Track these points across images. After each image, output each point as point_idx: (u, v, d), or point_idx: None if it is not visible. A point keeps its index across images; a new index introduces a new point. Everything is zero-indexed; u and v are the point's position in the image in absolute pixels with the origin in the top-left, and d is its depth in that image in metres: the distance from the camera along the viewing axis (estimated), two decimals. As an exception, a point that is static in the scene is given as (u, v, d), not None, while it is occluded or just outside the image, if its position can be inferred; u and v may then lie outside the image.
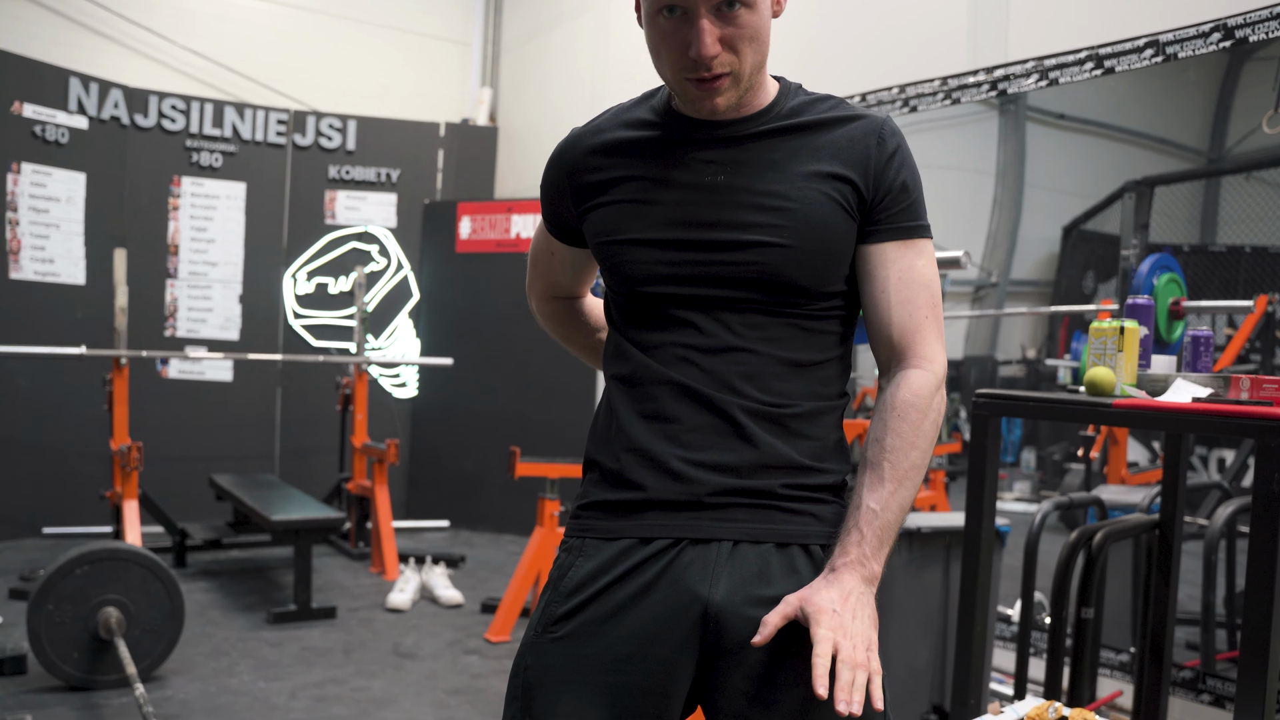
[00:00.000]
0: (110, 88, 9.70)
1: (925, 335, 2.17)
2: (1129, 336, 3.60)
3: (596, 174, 2.30)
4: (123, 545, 5.64)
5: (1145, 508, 5.39)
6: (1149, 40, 5.54)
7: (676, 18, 2.05)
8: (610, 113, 2.38)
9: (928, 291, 2.19)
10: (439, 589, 7.66)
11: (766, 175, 2.16)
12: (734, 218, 2.14)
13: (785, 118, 2.22)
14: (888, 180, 2.17)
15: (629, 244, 2.21)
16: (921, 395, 2.12)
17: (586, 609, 2.21)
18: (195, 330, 10.21)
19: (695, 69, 2.06)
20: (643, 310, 2.24)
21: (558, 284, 2.66)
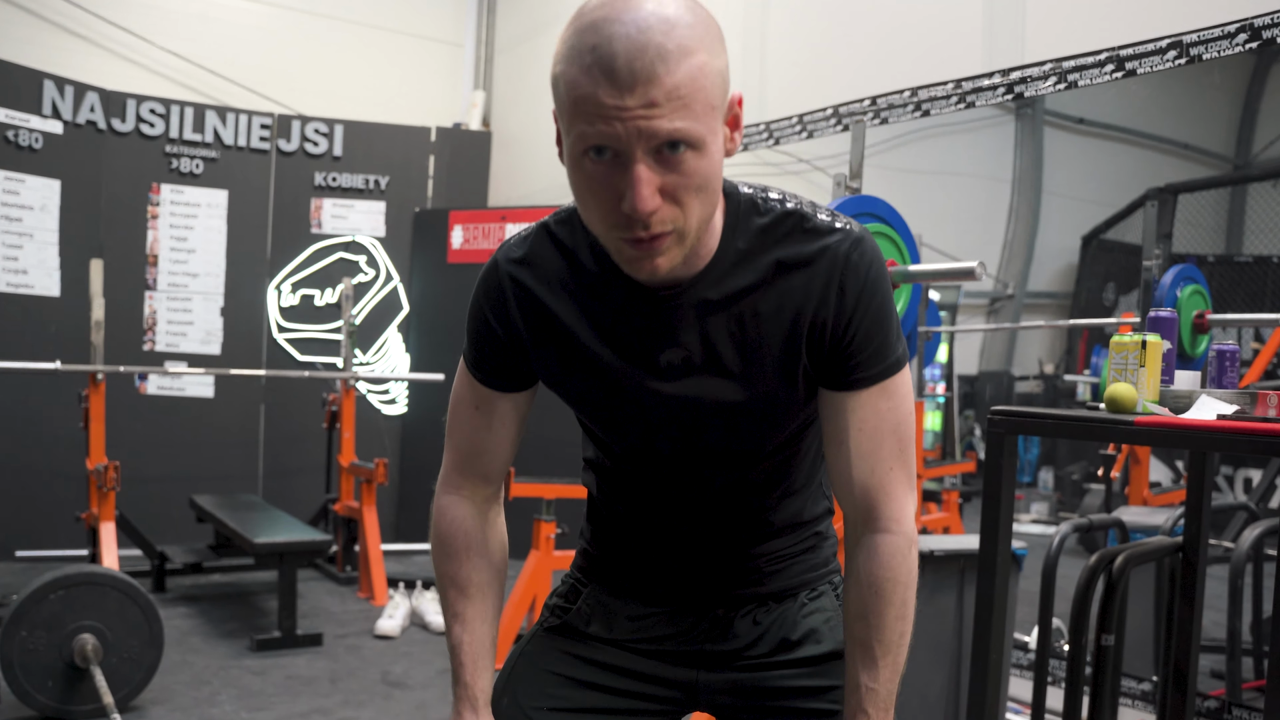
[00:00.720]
0: (86, 91, 9.71)
1: (891, 492, 2.14)
2: (1151, 351, 3.61)
3: (544, 321, 2.15)
4: (99, 569, 5.64)
5: (1168, 530, 5.39)
6: (1172, 41, 5.55)
7: (606, 161, 1.79)
8: (544, 239, 2.17)
9: (894, 437, 2.13)
10: (430, 615, 7.67)
11: (720, 353, 2.06)
12: (692, 412, 2.13)
13: (736, 269, 2.04)
14: (852, 330, 2.04)
15: (591, 419, 2.28)
16: (895, 568, 2.14)
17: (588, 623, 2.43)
18: (175, 344, 10.21)
19: (630, 226, 1.81)
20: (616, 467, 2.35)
21: (491, 457, 2.34)
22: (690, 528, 2.29)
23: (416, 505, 10.76)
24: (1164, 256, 6.28)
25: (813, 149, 8.03)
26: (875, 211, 5.46)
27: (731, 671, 2.35)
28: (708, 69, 1.76)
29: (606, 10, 1.73)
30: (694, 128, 1.75)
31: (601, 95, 1.71)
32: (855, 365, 2.06)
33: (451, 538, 2.33)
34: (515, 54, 12.51)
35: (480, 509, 2.35)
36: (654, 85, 1.69)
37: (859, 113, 7.22)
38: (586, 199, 1.85)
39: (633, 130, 1.72)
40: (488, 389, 2.27)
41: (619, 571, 2.42)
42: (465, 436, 2.32)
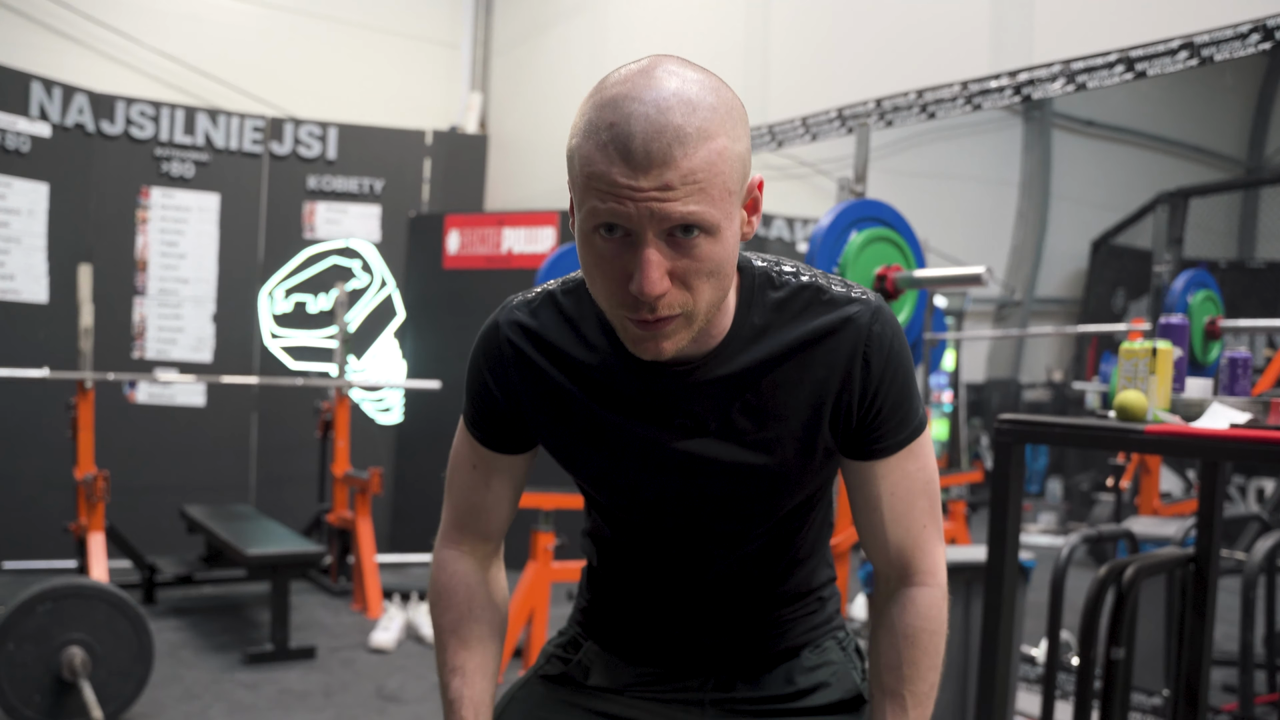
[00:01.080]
0: (74, 93, 9.70)
1: (926, 549, 2.17)
2: (1162, 358, 3.61)
3: (545, 389, 2.14)
4: (88, 581, 5.64)
5: (1179, 541, 5.40)
6: (1183, 42, 5.56)
7: (617, 239, 1.78)
8: (549, 307, 2.15)
9: (925, 496, 2.15)
10: (425, 628, 7.64)
11: (734, 421, 2.06)
12: (701, 475, 2.11)
13: (752, 344, 2.02)
14: (878, 404, 2.04)
15: (593, 486, 2.27)
16: (933, 619, 2.17)
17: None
18: (165, 352, 10.20)
19: (636, 307, 1.81)
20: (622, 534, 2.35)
21: (489, 516, 2.33)
22: (693, 599, 2.29)
23: (412, 516, 10.75)
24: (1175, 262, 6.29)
25: (816, 152, 8.04)
26: (880, 215, 5.46)
27: (740, 719, 2.36)
28: (727, 154, 1.74)
29: (627, 87, 1.73)
30: (709, 212, 1.73)
31: (615, 174, 1.70)
32: (882, 435, 2.07)
33: (452, 591, 2.31)
34: (513, 55, 12.52)
35: (481, 563, 2.35)
36: (670, 168, 1.68)
37: (864, 115, 7.23)
38: (594, 275, 1.84)
39: (645, 211, 1.71)
40: (486, 449, 2.26)
41: (618, 633, 2.42)
42: (463, 495, 2.32)
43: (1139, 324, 6.05)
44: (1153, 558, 4.38)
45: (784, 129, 7.86)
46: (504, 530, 2.36)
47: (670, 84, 1.72)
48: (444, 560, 2.33)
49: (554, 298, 2.14)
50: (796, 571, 2.32)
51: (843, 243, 5.29)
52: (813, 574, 2.36)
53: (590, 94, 1.79)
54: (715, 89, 1.76)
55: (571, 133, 1.80)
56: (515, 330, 2.13)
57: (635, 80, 1.73)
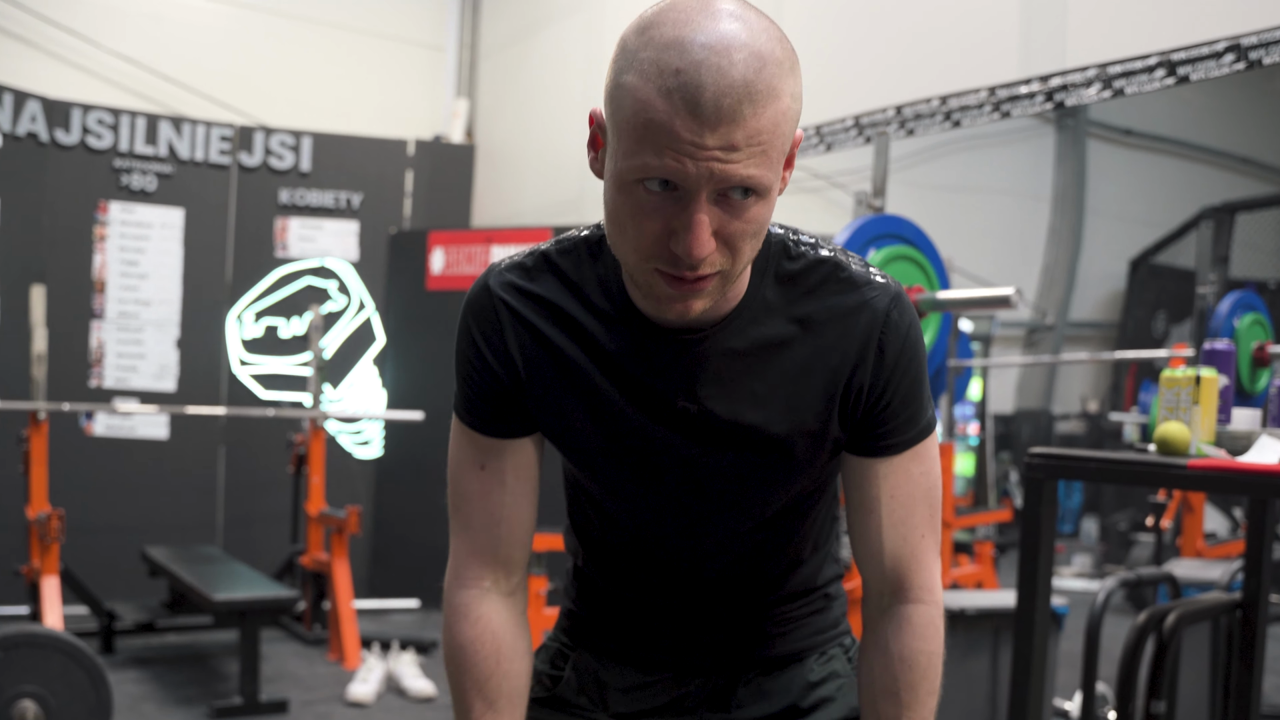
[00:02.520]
0: (26, 99, 9.71)
1: (923, 561, 2.17)
2: (1206, 387, 3.62)
3: (543, 354, 2.10)
4: (41, 629, 5.65)
5: (1225, 585, 5.40)
6: (1230, 44, 5.57)
7: (665, 194, 1.75)
8: (544, 268, 2.12)
9: (926, 503, 2.15)
10: (407, 679, 7.64)
11: (740, 406, 2.04)
12: (702, 466, 2.12)
13: (764, 317, 2.02)
14: (889, 395, 2.05)
15: (584, 469, 2.24)
16: (930, 639, 2.17)
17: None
18: (125, 380, 10.19)
19: (675, 264, 1.79)
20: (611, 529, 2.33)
21: (510, 528, 2.23)
22: (690, 595, 2.30)
23: (393, 558, 10.73)
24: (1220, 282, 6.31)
25: (831, 163, 8.06)
26: (900, 232, 5.48)
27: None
28: (789, 114, 1.75)
29: (690, 30, 1.69)
30: (766, 176, 1.73)
31: (679, 128, 1.67)
32: (889, 431, 2.07)
33: (478, 644, 2.19)
34: (502, 59, 12.54)
35: (507, 603, 2.25)
36: (737, 127, 1.67)
37: (883, 123, 7.25)
38: (627, 226, 1.81)
39: (705, 171, 1.69)
40: (490, 438, 2.18)
41: (609, 636, 2.41)
42: (476, 507, 2.22)
43: (1181, 350, 6.07)
44: (1196, 603, 4.39)
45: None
46: (528, 552, 2.28)
47: (737, 30, 1.69)
48: (463, 606, 2.22)
49: (549, 258, 2.12)
50: (801, 567, 2.33)
51: (860, 262, 5.29)
52: (818, 570, 2.37)
53: (640, 26, 1.76)
54: (779, 39, 1.75)
55: (617, 66, 1.78)
56: (510, 291, 2.11)
57: (698, 21, 1.70)
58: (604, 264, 2.07)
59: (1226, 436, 3.70)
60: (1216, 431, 3.70)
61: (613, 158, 1.80)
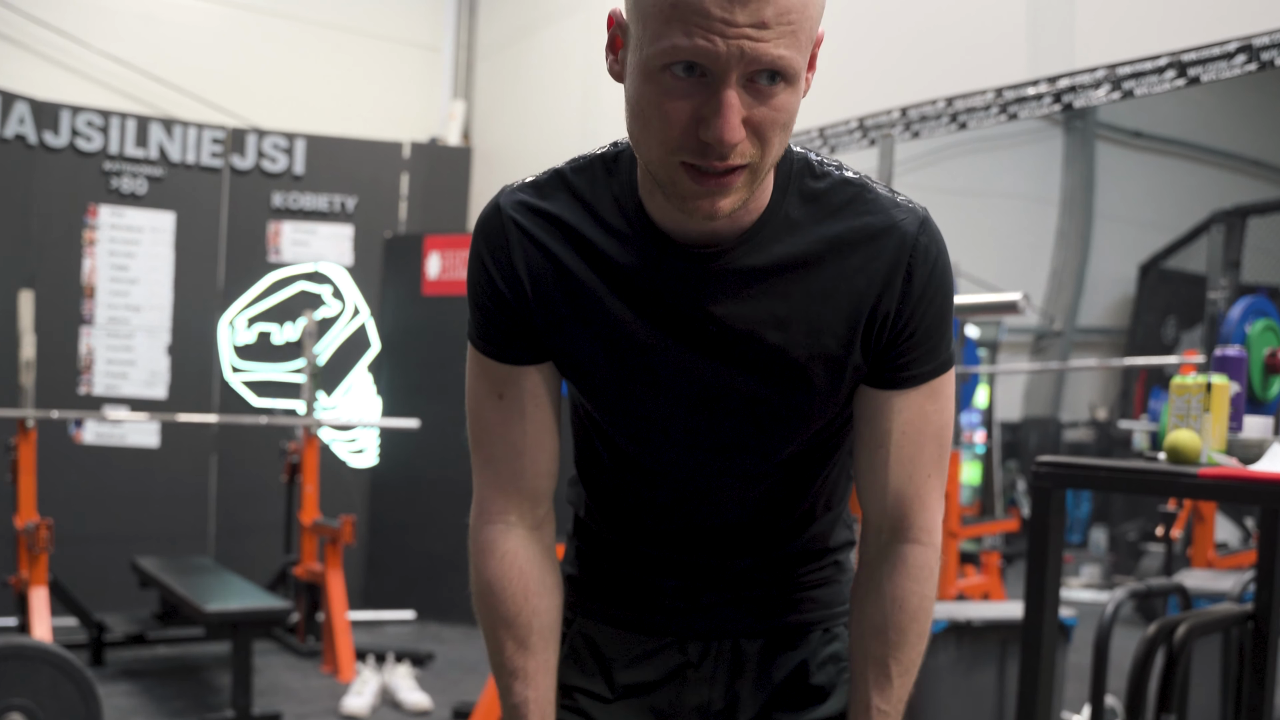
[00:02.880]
0: (14, 100, 9.71)
1: (927, 501, 2.16)
2: (1217, 394, 3.62)
3: (554, 276, 2.07)
4: (29, 641, 5.65)
5: (1237, 596, 5.40)
6: (1241, 44, 5.57)
7: (692, 80, 1.73)
8: (558, 186, 2.10)
9: (936, 443, 2.15)
10: (403, 692, 7.65)
11: (760, 330, 2.02)
12: (717, 395, 2.10)
13: (786, 235, 1.99)
14: (914, 324, 2.03)
15: (594, 399, 2.20)
16: (925, 581, 2.18)
17: None
18: (115, 387, 10.20)
19: (703, 154, 1.76)
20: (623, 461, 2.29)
21: (533, 458, 2.20)
22: (699, 545, 2.29)
23: (388, 569, 10.74)
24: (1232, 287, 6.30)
25: (835, 166, 8.05)
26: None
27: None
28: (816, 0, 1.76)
29: None
30: (796, 58, 1.73)
31: (709, 4, 1.65)
32: (909, 363, 2.06)
33: (505, 580, 2.19)
34: (499, 59, 12.54)
35: (534, 536, 2.24)
36: (768, 3, 1.66)
37: (887, 125, 7.25)
38: (652, 117, 1.79)
39: (735, 51, 1.67)
40: (507, 365, 2.14)
41: (609, 598, 2.41)
42: (497, 439, 2.19)
43: (1192, 356, 6.07)
44: (1207, 615, 4.39)
45: (798, 140, 7.86)
46: (554, 482, 2.26)
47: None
48: (488, 542, 2.21)
49: (564, 177, 2.10)
50: (813, 524, 2.32)
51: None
52: (830, 531, 2.37)
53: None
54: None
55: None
56: (520, 210, 2.08)
57: None
58: (619, 180, 2.05)
59: (1238, 444, 3.70)
60: (1228, 439, 3.70)
61: (637, 48, 1.79)
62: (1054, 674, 3.80)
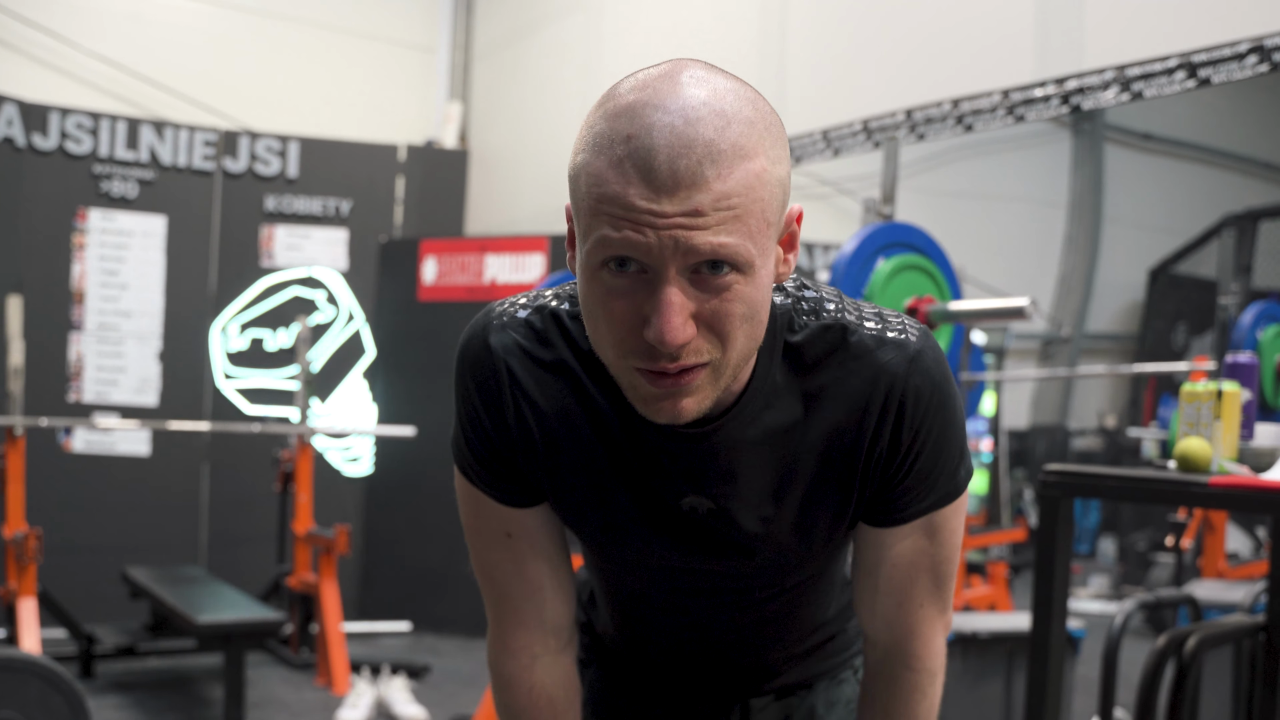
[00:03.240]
0: (2, 102, 9.72)
1: (918, 632, 2.12)
2: (1228, 401, 3.63)
3: (544, 432, 1.98)
4: (17, 652, 5.64)
5: (1248, 607, 5.40)
6: (1253, 45, 5.57)
7: (630, 275, 1.62)
8: (553, 329, 1.97)
9: (931, 575, 2.07)
10: (398, 705, 7.64)
11: (754, 500, 1.95)
12: (713, 567, 2.08)
13: (775, 400, 1.90)
14: (907, 465, 1.93)
15: (587, 545, 2.19)
16: (918, 701, 2.18)
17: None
18: (105, 394, 10.20)
19: (652, 356, 1.63)
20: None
21: (552, 593, 2.15)
22: (701, 649, 2.30)
23: (383, 578, 10.74)
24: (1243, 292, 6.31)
25: (839, 169, 8.07)
26: (910, 241, 5.49)
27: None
28: (766, 177, 1.61)
29: (647, 94, 1.61)
30: (743, 246, 1.59)
31: (633, 196, 1.55)
32: (904, 504, 1.98)
33: (532, 712, 2.17)
34: (496, 61, 12.55)
35: (558, 661, 2.20)
36: (699, 190, 1.54)
37: (892, 127, 7.25)
38: (599, 319, 1.68)
39: (668, 242, 1.55)
40: (512, 508, 2.07)
41: (624, 662, 2.44)
42: (511, 578, 2.13)
43: (1202, 363, 6.07)
44: (1218, 626, 4.39)
45: (803, 143, 7.88)
46: (574, 607, 2.21)
47: (698, 91, 1.59)
48: (513, 677, 2.17)
49: (559, 321, 1.96)
50: (817, 616, 2.32)
51: (868, 271, 5.31)
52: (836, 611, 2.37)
53: (599, 103, 1.67)
54: (752, 100, 1.64)
55: (575, 148, 1.68)
56: (515, 355, 1.96)
57: (656, 85, 1.61)
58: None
59: (1250, 453, 3.70)
60: (1239, 448, 3.70)
61: (579, 248, 1.70)
62: (1061, 687, 3.80)
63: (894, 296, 5.34)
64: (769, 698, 2.40)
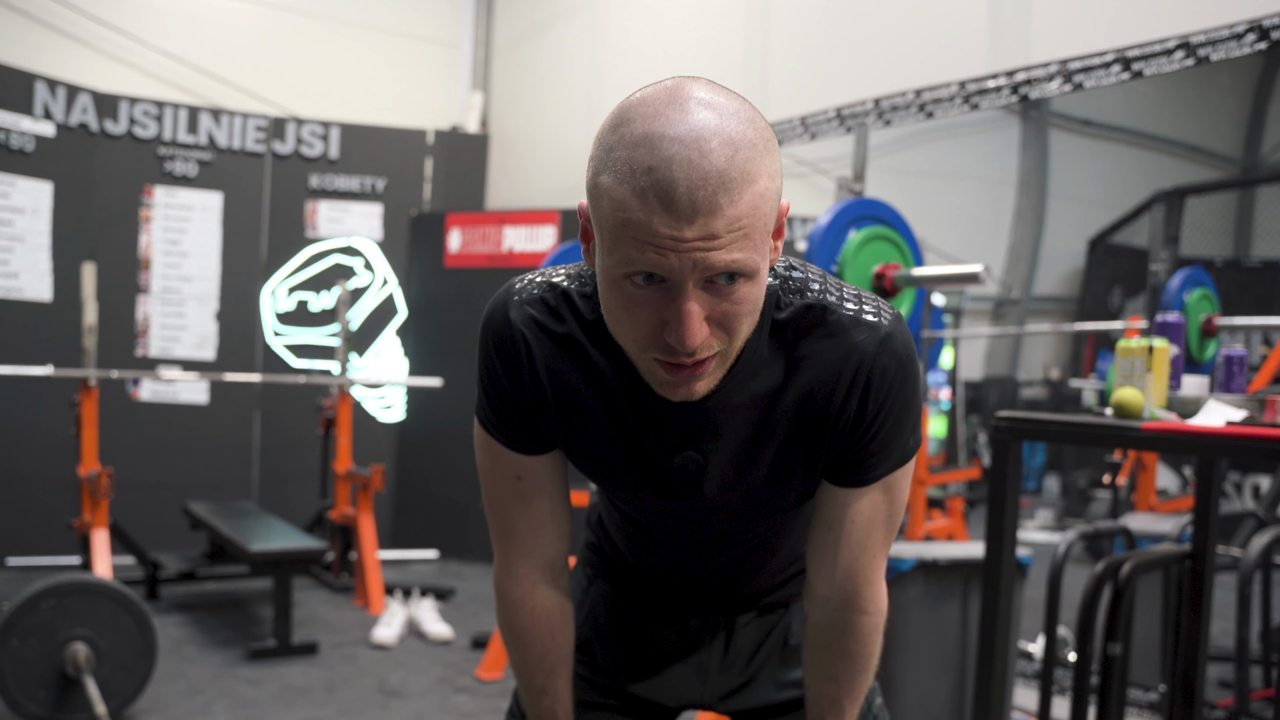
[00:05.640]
0: (78, 92, 9.69)
1: (870, 579, 2.14)
2: (1158, 356, 3.61)
3: (559, 393, 2.02)
4: (92, 577, 5.63)
5: (1176, 537, 5.39)
6: (1180, 42, 5.55)
7: (653, 287, 1.68)
8: (565, 306, 2.01)
9: (885, 527, 2.10)
10: (427, 623, 7.67)
11: (738, 457, 2.01)
12: (706, 512, 2.13)
13: (761, 369, 1.94)
14: (871, 433, 1.97)
15: (595, 483, 2.22)
16: (871, 643, 2.20)
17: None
18: (168, 349, 10.21)
19: (672, 352, 1.72)
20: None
21: (550, 532, 2.21)
22: (695, 571, 2.33)
23: (413, 512, 10.78)
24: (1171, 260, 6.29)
25: (816, 151, 8.03)
26: (878, 214, 5.46)
27: (735, 696, 2.49)
28: (768, 194, 1.66)
29: (660, 124, 1.62)
30: (750, 258, 1.65)
31: (656, 224, 1.59)
32: (863, 469, 2.02)
33: (534, 630, 2.24)
34: (514, 55, 12.51)
35: (553, 588, 2.26)
36: (715, 217, 1.59)
37: (862, 114, 7.22)
38: (621, 318, 1.74)
39: (688, 263, 1.61)
40: (523, 455, 2.12)
41: (622, 581, 2.48)
42: (518, 516, 2.18)
43: (1135, 322, 6.05)
44: (1149, 554, 4.38)
45: (783, 128, 7.85)
46: (569, 543, 2.26)
47: (707, 118, 1.62)
48: (517, 600, 2.23)
49: (570, 300, 2.01)
50: (791, 551, 2.36)
51: (841, 241, 5.29)
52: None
53: (613, 123, 1.69)
54: (751, 120, 1.67)
55: (594, 165, 1.70)
56: (531, 326, 2.00)
57: (668, 114, 1.62)
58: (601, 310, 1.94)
59: (1177, 401, 3.69)
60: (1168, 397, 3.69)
61: (600, 254, 1.73)
62: (1012, 607, 3.79)
63: (864, 263, 5.32)
64: (752, 614, 2.43)
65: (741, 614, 2.43)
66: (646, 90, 1.70)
